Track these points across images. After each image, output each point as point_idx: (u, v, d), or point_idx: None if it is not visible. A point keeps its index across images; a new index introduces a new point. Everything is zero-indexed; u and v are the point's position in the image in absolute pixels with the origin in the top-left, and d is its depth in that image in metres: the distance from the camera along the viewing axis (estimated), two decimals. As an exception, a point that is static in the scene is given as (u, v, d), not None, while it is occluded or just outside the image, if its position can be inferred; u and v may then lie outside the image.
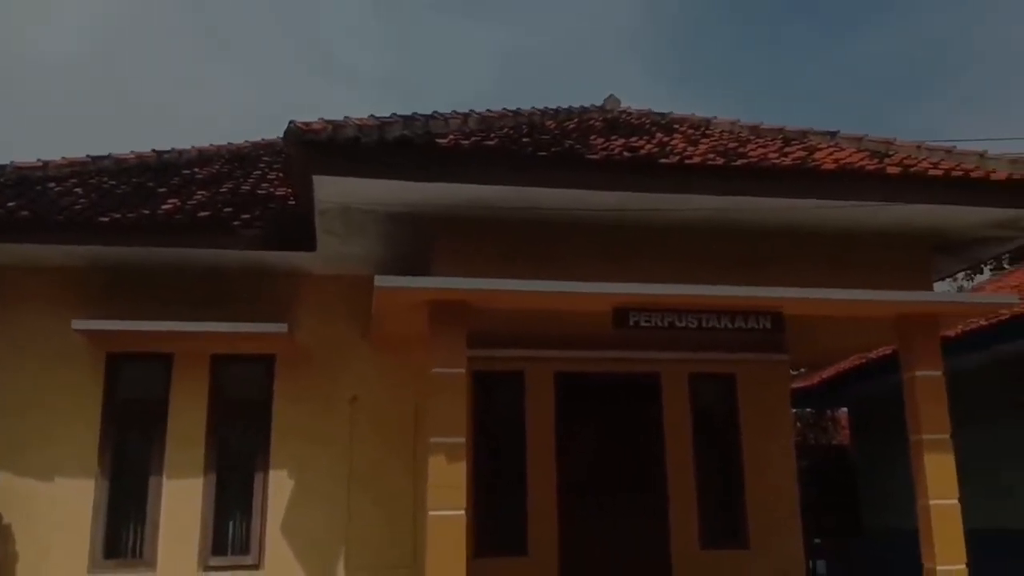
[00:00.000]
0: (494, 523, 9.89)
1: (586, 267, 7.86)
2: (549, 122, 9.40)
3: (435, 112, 8.45)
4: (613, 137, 8.49)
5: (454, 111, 8.71)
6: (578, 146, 7.81)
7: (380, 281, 7.50)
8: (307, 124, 7.22)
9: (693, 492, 10.34)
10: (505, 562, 9.70)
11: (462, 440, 7.36)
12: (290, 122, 7.25)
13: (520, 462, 10.12)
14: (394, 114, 8.00)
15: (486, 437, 10.08)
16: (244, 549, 9.13)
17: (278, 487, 9.24)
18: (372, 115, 7.91)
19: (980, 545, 11.43)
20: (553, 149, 7.56)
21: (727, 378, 10.79)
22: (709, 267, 8.06)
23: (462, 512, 7.22)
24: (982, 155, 8.33)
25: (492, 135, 8.06)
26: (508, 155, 7.46)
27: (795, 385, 17.51)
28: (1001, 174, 7.98)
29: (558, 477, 10.12)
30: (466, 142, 7.56)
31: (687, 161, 7.51)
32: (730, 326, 7.96)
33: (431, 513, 7.24)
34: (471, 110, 8.93)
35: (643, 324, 7.85)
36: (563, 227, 7.96)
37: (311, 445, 9.34)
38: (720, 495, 10.48)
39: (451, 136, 7.74)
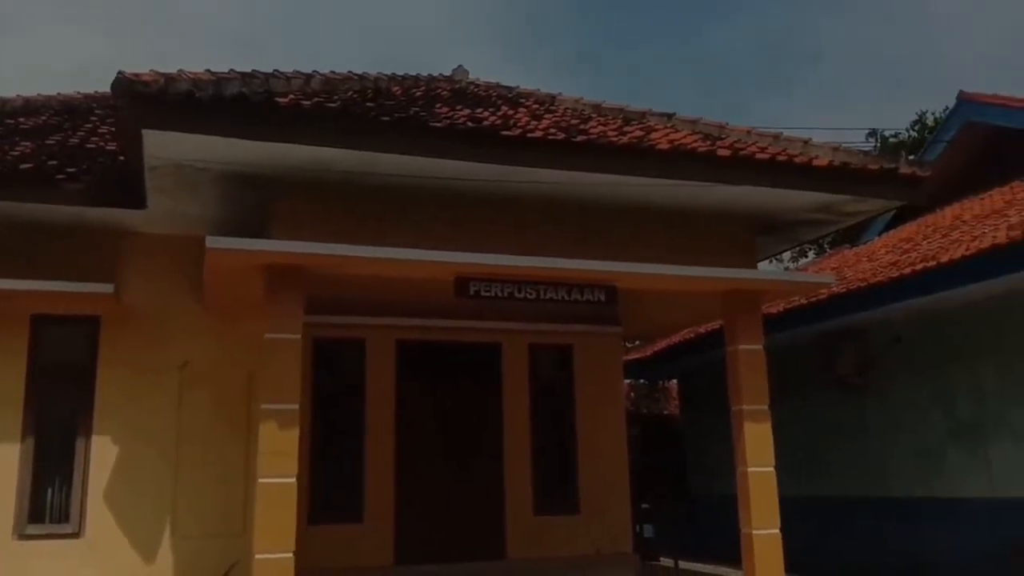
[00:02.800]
0: (330, 491, 9.64)
1: (429, 235, 7.71)
2: (395, 88, 9.12)
3: (276, 71, 8.01)
4: (459, 107, 8.33)
5: (296, 71, 8.28)
6: (423, 113, 7.59)
7: (212, 242, 7.06)
8: (137, 75, 6.70)
9: (529, 460, 10.43)
10: (340, 529, 9.49)
11: (295, 407, 7.06)
12: (119, 72, 6.72)
13: (359, 430, 9.89)
14: (232, 70, 7.52)
15: (325, 404, 9.79)
16: (63, 517, 8.62)
17: (102, 454, 8.75)
18: (209, 69, 7.41)
19: (798, 511, 12.19)
20: (397, 115, 7.32)
21: (565, 349, 10.92)
22: (549, 240, 8.08)
23: (293, 480, 6.95)
24: (806, 142, 8.70)
25: (335, 97, 7.72)
26: (350, 118, 7.16)
27: (629, 357, 18.05)
28: (822, 161, 8.35)
29: (397, 445, 9.96)
30: (307, 103, 7.20)
31: (529, 134, 7.45)
32: (567, 298, 7.99)
33: (261, 480, 6.93)
34: (315, 71, 8.53)
35: (484, 294, 7.77)
36: (407, 194, 7.76)
37: (138, 411, 8.88)
38: (555, 462, 10.62)
39: (292, 96, 7.35)
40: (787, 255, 27.27)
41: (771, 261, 26.21)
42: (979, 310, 10.82)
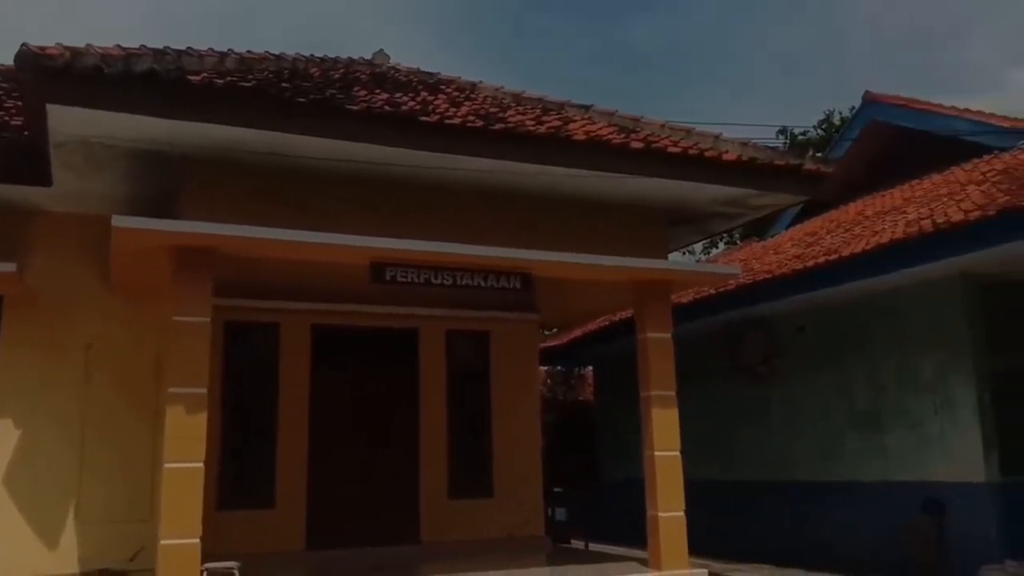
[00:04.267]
0: (241, 476, 9.49)
1: (345, 219, 7.61)
2: (313, 70, 8.97)
3: (190, 48, 7.80)
4: (378, 91, 8.24)
5: (211, 49, 8.07)
6: (340, 96, 7.49)
7: (119, 221, 6.85)
8: (42, 48, 6.45)
9: (444, 444, 10.44)
10: (250, 514, 9.35)
11: (203, 391, 6.92)
12: (23, 45, 6.45)
13: (272, 415, 9.74)
14: (143, 46, 7.29)
15: (237, 389, 9.62)
16: (-39, 502, 8.28)
17: (3, 437, 8.47)
18: (119, 45, 7.17)
19: (704, 494, 12.52)
20: (313, 97, 7.20)
21: (482, 335, 10.96)
22: (466, 226, 8.08)
23: (200, 465, 6.82)
24: (717, 137, 8.91)
25: (250, 77, 7.54)
26: (265, 99, 7.02)
27: (547, 344, 18.22)
28: (731, 155, 8.56)
29: (310, 429, 9.85)
30: (220, 81, 7.03)
31: (447, 121, 7.43)
32: (483, 284, 8.04)
33: (167, 465, 6.80)
34: (230, 49, 8.32)
35: (400, 279, 7.75)
36: (323, 177, 7.66)
37: (41, 393, 8.63)
38: (470, 447, 10.66)
39: (205, 74, 7.15)
40: (699, 246, 27.90)
41: (684, 252, 26.81)
42: (878, 302, 11.29)
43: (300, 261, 7.73)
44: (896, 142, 14.81)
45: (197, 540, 6.70)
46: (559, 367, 20.50)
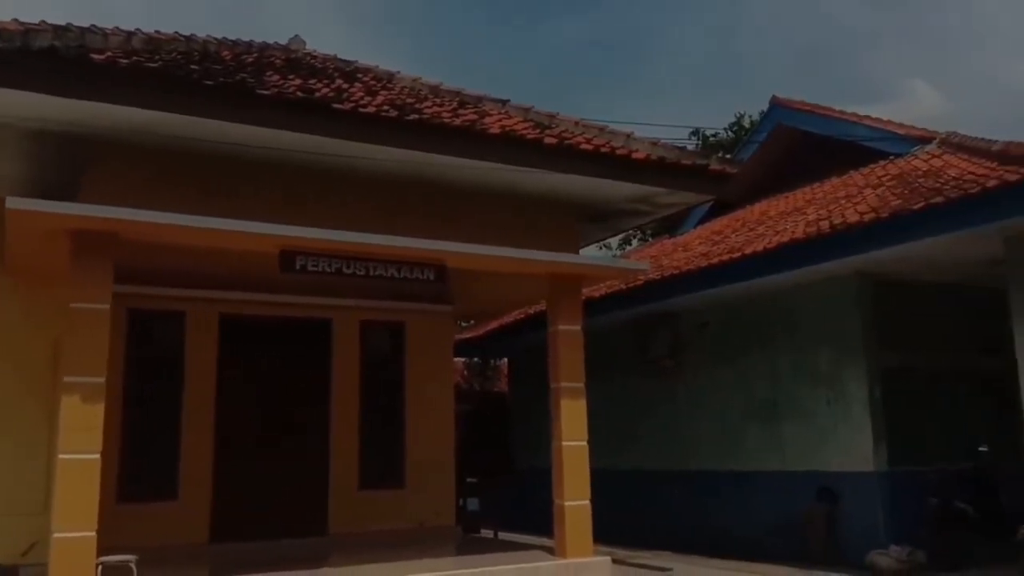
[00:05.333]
0: (142, 467, 9.14)
1: (254, 206, 7.41)
2: (225, 53, 8.70)
3: (94, 26, 7.46)
4: (291, 76, 8.05)
5: (117, 27, 7.74)
6: (251, 80, 7.28)
7: (13, 203, 6.51)
8: (-68, 19, 6.05)
9: (356, 435, 10.28)
10: (152, 507, 9.02)
11: (101, 380, 6.64)
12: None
13: (176, 405, 9.40)
14: (43, 21, 6.93)
15: (139, 378, 9.26)
16: None
17: None
18: (17, 19, 6.79)
19: (612, 483, 12.69)
20: (222, 80, 6.98)
21: (396, 326, 10.83)
22: (380, 217, 7.99)
23: (97, 456, 6.54)
24: (629, 136, 9.02)
25: (157, 58, 7.27)
26: (171, 80, 6.79)
27: (464, 335, 18.19)
28: (641, 154, 8.68)
29: (217, 421, 9.56)
30: (125, 61, 6.76)
31: (361, 109, 7.31)
32: (396, 276, 7.92)
33: (62, 456, 6.50)
34: (137, 28, 8.00)
35: (310, 268, 7.57)
36: (232, 163, 7.45)
37: (-72, 383, 8.09)
38: (382, 438, 10.53)
39: (109, 53, 6.87)
40: (615, 243, 28.27)
41: (600, 248, 27.12)
42: (778, 299, 11.63)
43: (206, 248, 7.48)
44: (800, 145, 15.28)
45: (92, 533, 6.43)
46: (475, 358, 20.49)
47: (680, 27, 54.76)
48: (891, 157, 12.84)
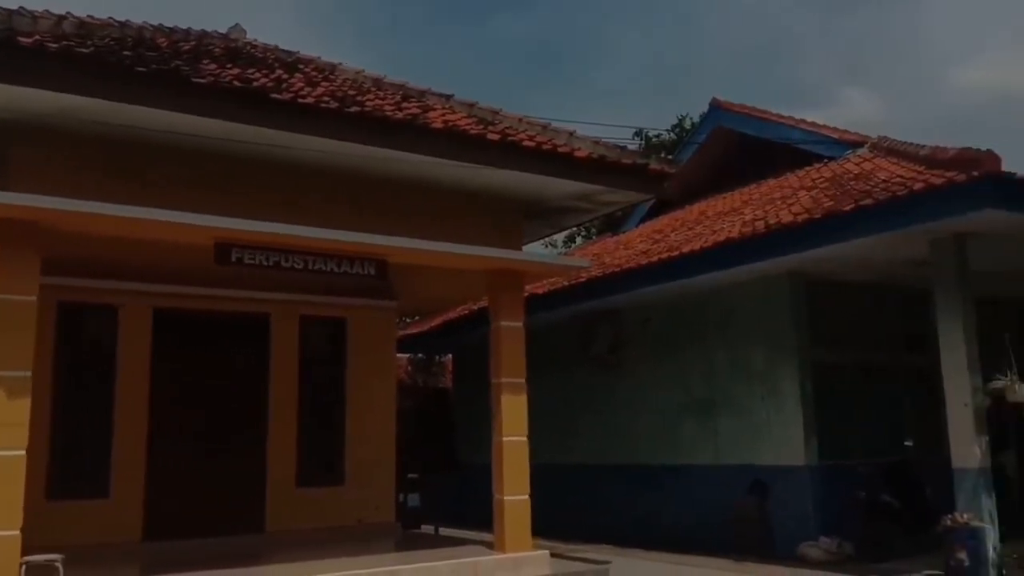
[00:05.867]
0: (73, 464, 8.82)
1: (190, 197, 7.19)
2: (161, 40, 8.43)
3: (22, 8, 7.16)
4: (229, 65, 7.83)
5: (47, 11, 7.43)
6: (186, 68, 7.05)
7: (-70, 191, 6.19)
8: None
9: (294, 432, 10.06)
10: (83, 504, 8.70)
11: (27, 374, 6.37)
12: None
13: (108, 400, 9.08)
14: (-28, 3, 6.63)
15: (69, 373, 8.93)
16: None
17: None
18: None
19: (553, 477, 12.68)
20: (155, 67, 6.75)
21: (338, 321, 10.63)
22: (320, 210, 7.83)
23: (22, 452, 6.28)
24: (571, 134, 9.00)
25: (90, 43, 6.99)
26: (102, 66, 6.53)
27: (408, 331, 18.03)
28: (583, 152, 8.68)
29: (151, 416, 9.26)
30: (55, 45, 6.48)
31: (300, 100, 7.14)
32: (336, 270, 7.78)
33: (-16, 453, 6.19)
34: (68, 12, 7.70)
35: (247, 261, 7.38)
36: (167, 152, 7.21)
37: None
38: (321, 435, 10.34)
39: (38, 37, 6.58)
40: (560, 240, 28.37)
41: (546, 245, 27.16)
42: (716, 297, 11.78)
43: (139, 240, 7.24)
44: (739, 147, 15.49)
45: (17, 532, 6.18)
46: (420, 354, 20.33)
47: (627, 29, 55.23)
48: (825, 160, 13.09)
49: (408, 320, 20.23)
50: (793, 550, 10.15)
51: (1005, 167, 8.38)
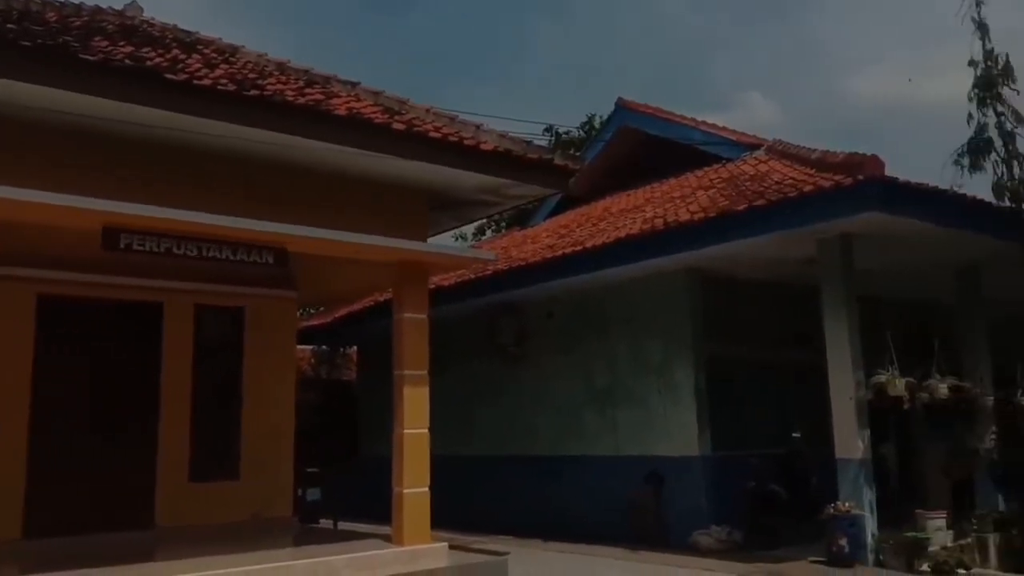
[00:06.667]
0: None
1: (76, 178, 6.75)
2: (51, 14, 7.95)
3: None
4: (122, 43, 7.42)
5: (-81, -26, 6.91)
6: (75, 44, 6.65)
7: None
8: None
9: (188, 425, 9.66)
10: (-45, 502, 8.15)
11: None
12: None
13: (-15, 391, 8.53)
14: None
15: (-59, 362, 8.34)
16: None
17: None
18: None
19: (457, 469, 12.63)
20: (41, 41, 6.33)
21: (235, 311, 10.26)
22: (218, 195, 7.49)
23: None
24: (478, 127, 8.93)
25: (-34, 12, 6.53)
26: (-19, 37, 6.08)
27: (312, 322, 17.67)
28: (489, 145, 8.61)
29: (33, 408, 8.72)
30: (-76, 11, 6.01)
31: (196, 81, 6.83)
32: (232, 257, 7.48)
33: None
34: (-56, -22, 7.17)
35: (136, 247, 7.02)
36: (51, 130, 6.76)
37: None
38: (216, 427, 9.96)
39: (-95, 1, 6.10)
40: (469, 233, 28.33)
41: (456, 237, 27.01)
42: (617, 291, 11.96)
43: (20, 223, 6.81)
44: (643, 146, 15.77)
45: None
46: (323, 346, 19.93)
47: (543, 27, 55.53)
48: (724, 161, 13.46)
49: (312, 311, 19.82)
50: (686, 538, 10.41)
51: (899, 174, 8.79)
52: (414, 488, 8.27)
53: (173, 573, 6.89)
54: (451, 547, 8.52)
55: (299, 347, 16.78)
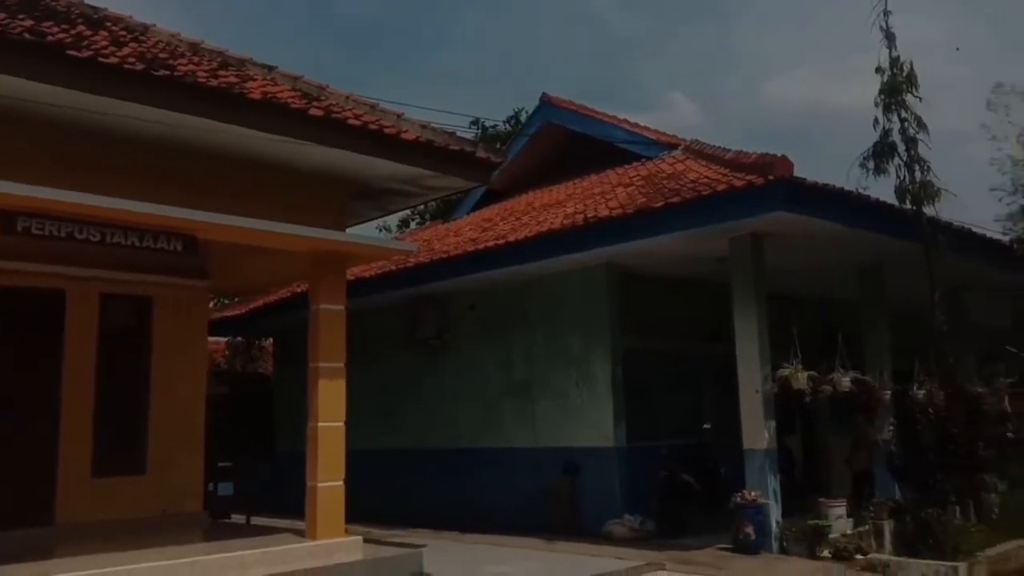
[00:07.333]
0: None
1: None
2: (-60, -19, 7.45)
3: None
4: (22, 16, 7.00)
5: None
6: (-33, 16, 6.26)
7: None
8: None
9: (90, 417, 9.24)
10: None
11: None
12: None
13: None
14: None
15: None
16: None
17: None
18: None
19: (377, 463, 12.46)
20: (-74, 11, 5.94)
21: (143, 300, 9.86)
22: (124, 178, 7.18)
23: None
24: (400, 116, 8.80)
25: None
26: None
27: (227, 313, 17.17)
28: (410, 135, 8.50)
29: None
30: None
31: (101, 59, 6.52)
32: (138, 244, 7.20)
33: None
34: None
35: (35, 231, 6.69)
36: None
37: None
38: (122, 421, 9.56)
39: None
40: (394, 224, 28.03)
41: (380, 229, 26.62)
42: (538, 285, 12.00)
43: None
44: (566, 142, 15.84)
45: None
46: (239, 338, 19.40)
47: (475, 21, 55.32)
48: (643, 159, 13.63)
49: (227, 301, 19.28)
50: (600, 528, 10.52)
51: (816, 177, 9.05)
52: (328, 482, 8.11)
53: (73, 570, 6.57)
54: (366, 541, 8.39)
55: (213, 339, 16.35)
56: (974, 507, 10.06)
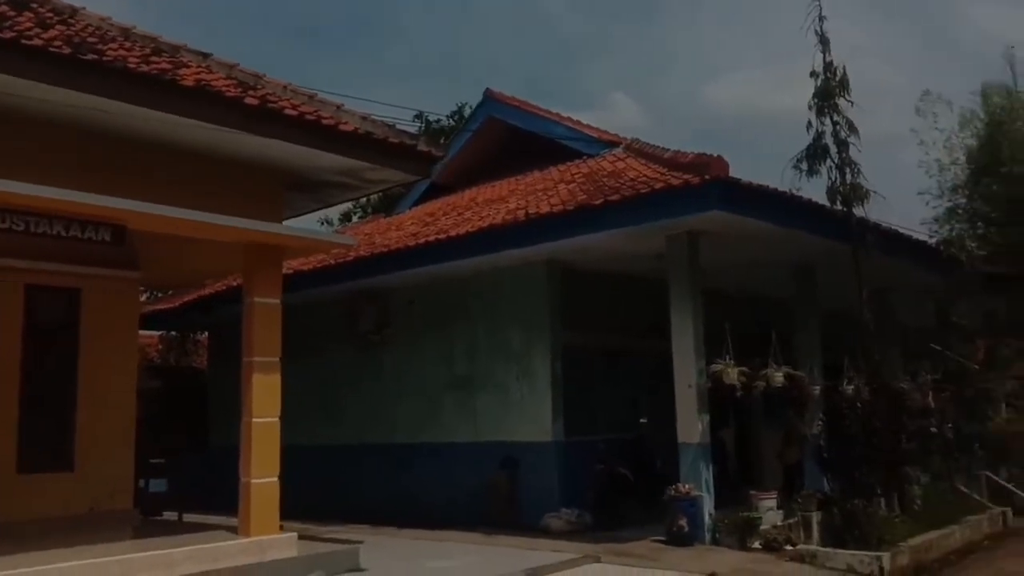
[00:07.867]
0: None
1: None
2: None
3: None
4: (-62, -4, 6.72)
5: None
6: None
7: None
8: None
9: (14, 413, 8.89)
10: None
11: None
12: None
13: None
14: None
15: None
16: None
17: None
18: None
19: (314, 459, 12.26)
20: None
21: (71, 292, 9.51)
22: (49, 166, 6.93)
23: None
24: (339, 107, 8.67)
25: None
26: None
27: (160, 306, 16.74)
28: (349, 126, 8.38)
29: None
30: None
31: (25, 41, 6.27)
32: (64, 234, 6.93)
33: None
34: None
35: (-47, 219, 6.39)
36: None
37: None
38: (48, 416, 9.22)
39: None
40: (336, 218, 27.65)
41: (322, 222, 26.22)
42: (479, 280, 11.96)
43: None
44: (509, 138, 15.80)
45: None
46: (172, 331, 18.92)
47: (417, 14, 54.89)
48: (584, 157, 13.68)
49: (160, 294, 18.79)
50: (539, 521, 10.55)
51: (753, 178, 9.19)
52: (262, 478, 7.96)
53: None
54: (301, 537, 8.27)
55: (145, 332, 15.91)
56: (898, 499, 10.37)
